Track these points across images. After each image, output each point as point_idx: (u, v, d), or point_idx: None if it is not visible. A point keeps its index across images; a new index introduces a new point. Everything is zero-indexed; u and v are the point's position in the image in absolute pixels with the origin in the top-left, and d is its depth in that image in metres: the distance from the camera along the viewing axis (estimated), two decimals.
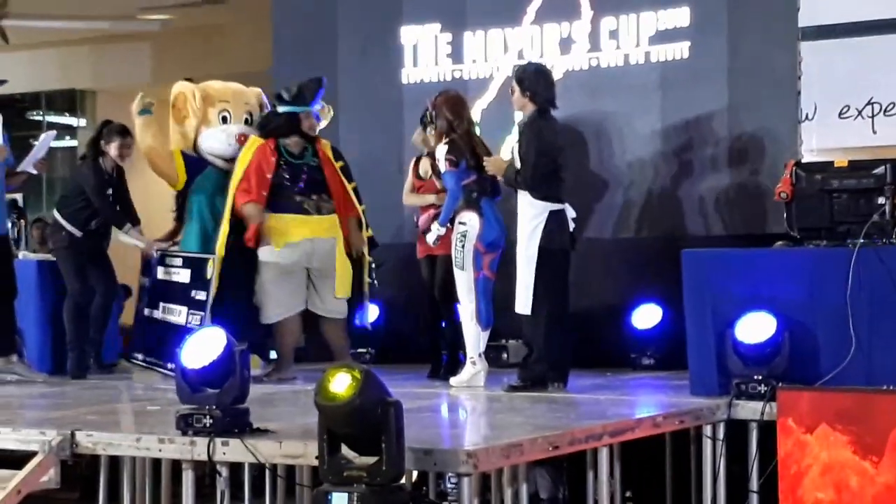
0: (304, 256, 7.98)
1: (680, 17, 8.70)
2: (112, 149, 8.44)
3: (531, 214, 7.15)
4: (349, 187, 8.22)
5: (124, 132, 8.51)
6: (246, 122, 8.48)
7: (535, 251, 7.11)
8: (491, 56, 9.32)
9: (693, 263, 6.83)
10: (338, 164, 8.24)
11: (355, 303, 8.31)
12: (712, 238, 8.32)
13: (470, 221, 7.39)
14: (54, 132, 8.40)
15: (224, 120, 8.47)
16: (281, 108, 8.11)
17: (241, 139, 8.31)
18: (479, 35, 9.36)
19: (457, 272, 7.40)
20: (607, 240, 8.74)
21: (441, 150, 7.50)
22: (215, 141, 8.41)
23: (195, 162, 8.53)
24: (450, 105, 7.62)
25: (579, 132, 8.82)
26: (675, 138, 8.71)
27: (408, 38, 9.61)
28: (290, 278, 8.00)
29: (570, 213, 7.27)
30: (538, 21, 9.16)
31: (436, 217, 7.72)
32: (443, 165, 7.47)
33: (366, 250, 8.27)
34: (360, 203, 8.25)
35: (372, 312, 9.10)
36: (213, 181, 8.42)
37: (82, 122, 17.17)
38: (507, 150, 9.02)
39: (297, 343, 8.31)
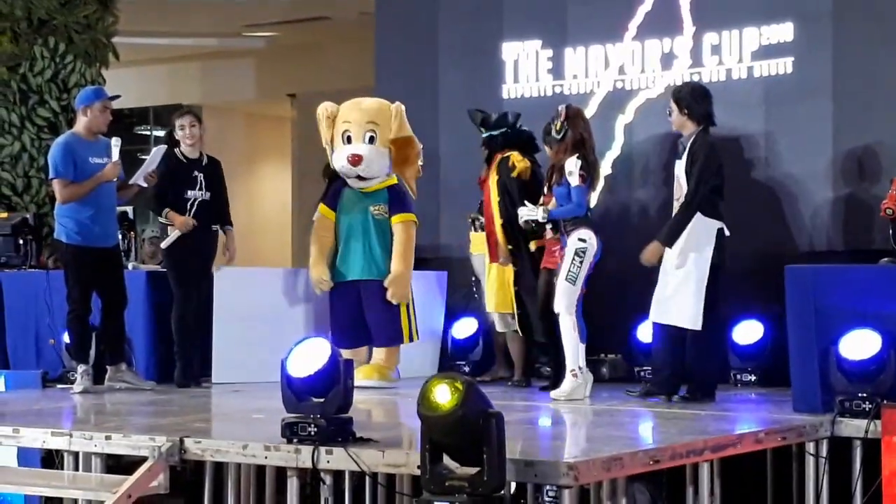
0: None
1: (784, 31, 8.64)
2: (178, 132, 8.53)
3: (701, 231, 7.27)
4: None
5: (181, 113, 8.68)
6: (370, 140, 8.49)
7: (707, 267, 7.24)
8: (591, 72, 9.34)
9: (797, 279, 6.79)
10: None
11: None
12: (816, 254, 8.25)
13: (590, 240, 7.45)
14: (164, 146, 8.54)
15: (348, 140, 8.51)
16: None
17: (353, 159, 8.40)
18: (579, 51, 9.39)
19: (565, 286, 7.42)
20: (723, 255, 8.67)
21: (574, 163, 7.48)
22: (338, 162, 8.52)
23: (335, 189, 8.63)
24: (583, 119, 7.71)
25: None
26: (778, 153, 8.64)
27: (509, 53, 9.67)
28: None
29: (726, 231, 7.40)
30: (639, 37, 9.17)
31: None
32: (575, 179, 7.47)
33: None
34: None
35: (471, 326, 9.19)
36: (351, 202, 8.54)
37: None
38: (609, 165, 9.07)
39: None
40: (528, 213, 7.72)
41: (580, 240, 7.44)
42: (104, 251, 8.15)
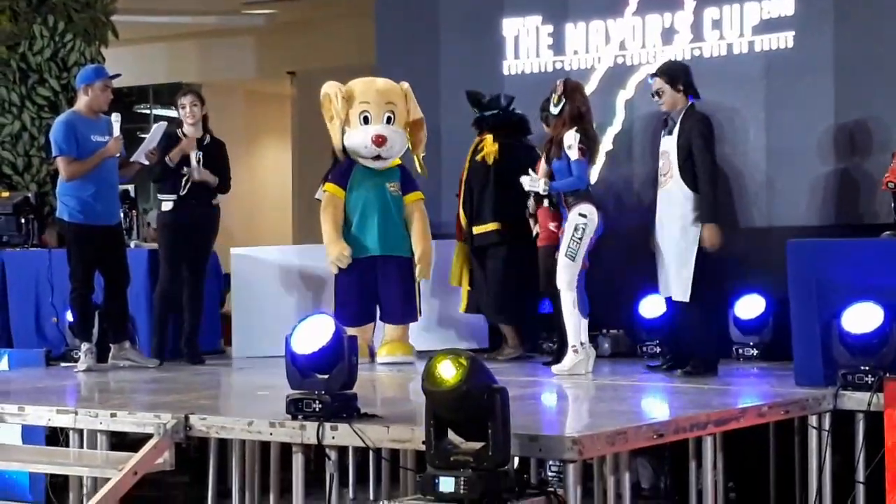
0: None
1: (784, 5, 8.61)
2: (180, 111, 8.63)
3: (690, 206, 7.32)
4: None
5: (183, 91, 8.79)
6: (388, 121, 8.50)
7: (696, 241, 7.28)
8: (592, 47, 9.32)
9: (799, 254, 6.80)
10: None
11: None
12: (817, 228, 8.24)
13: (591, 215, 7.45)
14: (164, 123, 8.56)
15: (365, 120, 8.51)
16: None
17: (378, 140, 8.40)
18: (580, 27, 9.36)
19: (566, 262, 7.43)
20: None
21: (573, 136, 7.46)
22: (356, 142, 8.49)
23: (342, 169, 8.62)
24: (581, 93, 7.69)
25: None
26: (779, 128, 8.62)
27: (509, 29, 9.65)
28: None
29: None
30: (640, 12, 9.14)
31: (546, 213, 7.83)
32: (575, 153, 7.46)
33: None
34: None
35: None
36: (365, 179, 8.54)
37: None
38: (610, 141, 9.07)
39: None
40: (529, 182, 7.71)
41: (580, 215, 7.45)
42: (107, 229, 8.16)
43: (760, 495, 7.82)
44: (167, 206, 8.56)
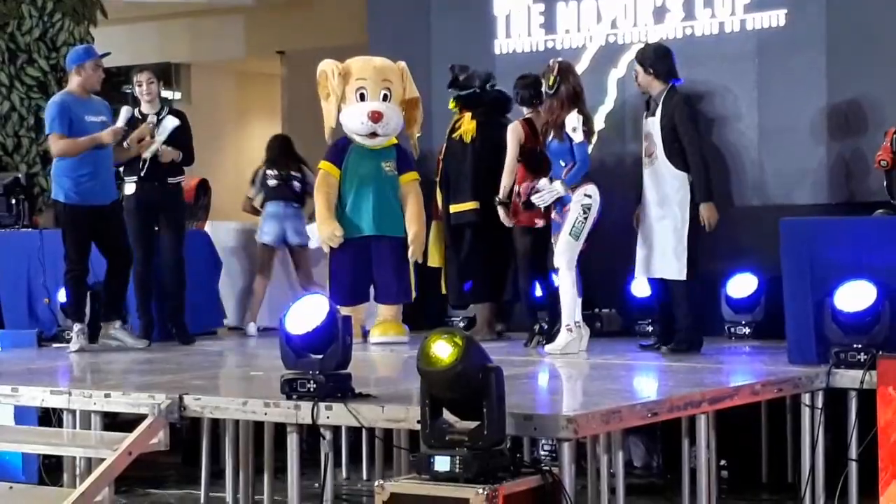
0: None
1: None
2: (136, 91, 8.68)
3: (676, 185, 7.42)
4: None
5: (138, 70, 8.83)
6: (384, 98, 8.50)
7: (686, 218, 7.37)
8: (584, 26, 9.30)
9: (791, 232, 6.81)
10: None
11: None
12: (810, 206, 8.26)
13: (594, 195, 7.45)
14: (130, 108, 8.50)
15: (361, 97, 8.50)
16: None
17: (375, 116, 8.38)
18: (571, 5, 9.34)
19: (569, 241, 7.40)
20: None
21: (576, 118, 7.42)
22: (351, 119, 8.48)
23: (337, 148, 8.61)
24: (574, 73, 7.66)
25: None
26: (771, 107, 8.62)
27: (500, 8, 9.62)
28: None
29: None
30: None
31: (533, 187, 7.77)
32: (579, 135, 7.41)
33: None
34: None
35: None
36: (360, 158, 8.53)
37: (177, 95, 17.40)
38: (602, 120, 9.06)
39: None
40: (550, 195, 7.51)
41: (586, 195, 7.43)
42: (102, 209, 8.13)
43: (752, 473, 7.87)
44: (129, 188, 8.58)
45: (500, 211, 8.12)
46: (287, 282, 9.68)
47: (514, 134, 8.12)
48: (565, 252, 7.41)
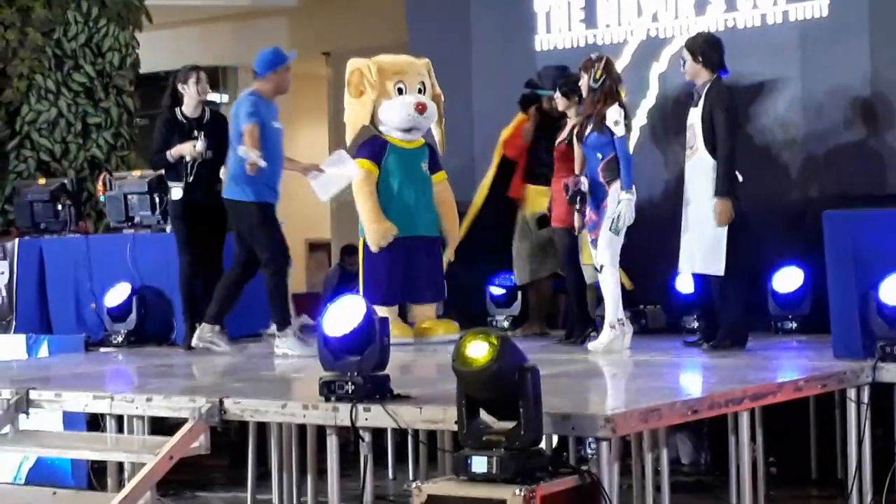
0: None
1: None
2: (191, 87, 8.44)
3: (714, 177, 7.28)
4: None
5: (197, 68, 8.58)
6: (419, 91, 8.48)
7: None
8: (624, 20, 9.25)
9: (835, 225, 6.73)
10: None
11: None
12: (854, 198, 8.12)
13: (633, 195, 7.37)
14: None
15: (400, 91, 8.49)
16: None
17: (420, 107, 8.38)
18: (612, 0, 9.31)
19: (610, 237, 7.33)
20: (745, 203, 8.61)
21: (618, 112, 7.36)
22: (394, 112, 8.46)
23: (376, 147, 8.56)
24: (614, 69, 7.59)
25: None
26: (815, 98, 8.53)
27: (541, 4, 9.59)
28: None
29: (739, 177, 7.38)
30: None
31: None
32: (621, 129, 7.36)
33: None
34: None
35: (509, 281, 9.18)
36: (400, 157, 8.50)
37: (224, 97, 17.51)
38: (644, 114, 9.00)
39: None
40: (628, 212, 7.33)
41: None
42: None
43: (802, 469, 7.78)
44: (176, 193, 8.45)
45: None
46: None
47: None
48: (607, 248, 7.35)
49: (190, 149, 8.31)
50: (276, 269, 7.84)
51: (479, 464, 4.67)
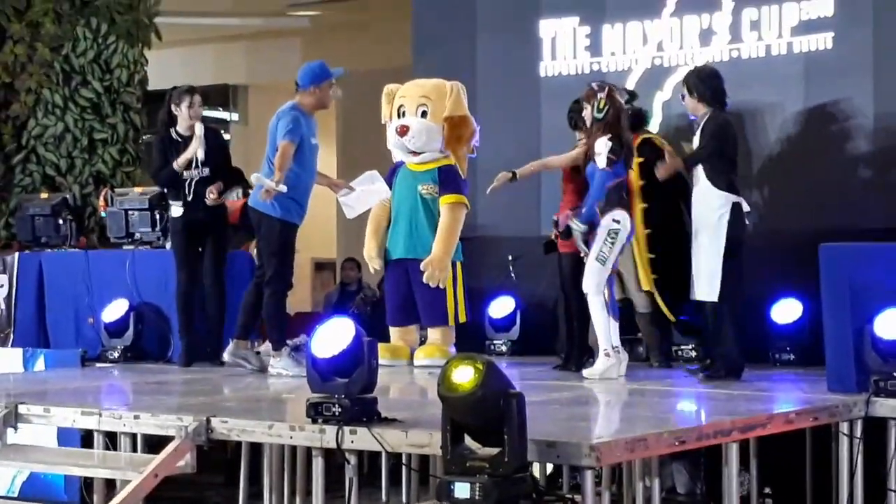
0: None
1: (823, 6, 8.50)
2: (183, 110, 8.47)
3: (716, 205, 7.33)
4: None
5: (192, 90, 8.59)
6: (423, 115, 8.44)
7: (724, 240, 7.28)
8: (630, 48, 9.26)
9: (831, 258, 6.70)
10: None
11: None
12: (855, 231, 8.09)
13: (624, 221, 7.41)
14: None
15: (401, 114, 8.52)
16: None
17: (401, 130, 8.37)
18: (617, 28, 9.30)
19: (596, 267, 7.37)
20: (748, 233, 8.58)
21: (605, 144, 7.38)
22: (389, 136, 8.54)
23: (391, 170, 8.63)
24: (617, 97, 7.58)
25: None
26: (818, 130, 8.52)
27: (546, 31, 9.60)
28: None
29: (745, 206, 7.41)
30: (678, 13, 9.06)
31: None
32: (602, 161, 7.38)
33: None
34: None
35: (508, 305, 9.15)
36: (403, 179, 8.53)
37: (234, 116, 17.58)
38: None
39: None
40: (576, 233, 7.45)
41: (615, 220, 7.39)
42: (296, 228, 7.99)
43: (797, 501, 7.73)
44: (177, 211, 8.51)
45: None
46: None
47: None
48: (592, 277, 7.38)
49: (194, 149, 8.36)
50: (277, 289, 7.84)
51: (461, 490, 4.65)
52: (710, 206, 7.34)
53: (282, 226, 7.79)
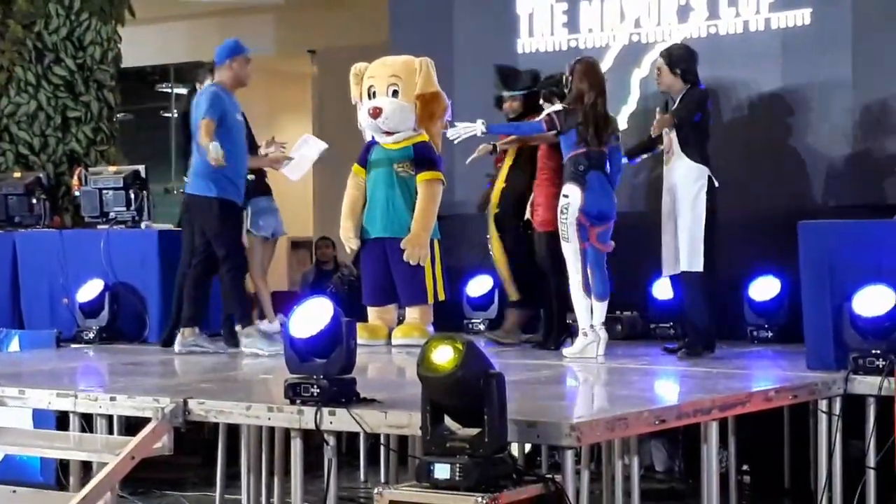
0: None
1: None
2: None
3: (693, 178, 7.36)
4: None
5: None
6: (394, 94, 8.39)
7: (703, 211, 7.33)
8: (607, 25, 9.22)
9: (810, 235, 6.70)
10: None
11: None
12: (832, 208, 8.13)
13: (572, 195, 7.38)
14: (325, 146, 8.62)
15: (372, 95, 8.46)
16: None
17: (374, 112, 8.33)
18: (595, 4, 9.26)
19: (563, 244, 7.40)
20: (724, 210, 8.57)
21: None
22: (361, 118, 8.48)
23: (365, 149, 8.59)
24: (589, 75, 7.57)
25: None
26: (796, 107, 8.50)
27: (523, 7, 9.55)
28: None
29: (715, 182, 7.44)
30: None
31: (553, 194, 7.68)
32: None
33: None
34: None
35: (486, 283, 9.13)
36: (377, 158, 8.48)
37: None
38: (625, 119, 8.96)
39: None
40: (465, 130, 7.70)
41: (564, 196, 7.42)
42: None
43: (775, 479, 7.75)
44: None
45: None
46: None
47: None
48: (565, 255, 7.43)
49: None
50: (234, 266, 7.80)
51: (441, 470, 4.62)
52: (688, 179, 7.36)
53: (220, 204, 7.76)
